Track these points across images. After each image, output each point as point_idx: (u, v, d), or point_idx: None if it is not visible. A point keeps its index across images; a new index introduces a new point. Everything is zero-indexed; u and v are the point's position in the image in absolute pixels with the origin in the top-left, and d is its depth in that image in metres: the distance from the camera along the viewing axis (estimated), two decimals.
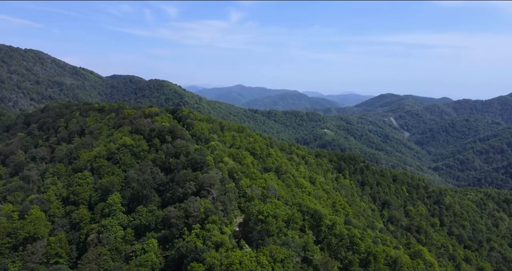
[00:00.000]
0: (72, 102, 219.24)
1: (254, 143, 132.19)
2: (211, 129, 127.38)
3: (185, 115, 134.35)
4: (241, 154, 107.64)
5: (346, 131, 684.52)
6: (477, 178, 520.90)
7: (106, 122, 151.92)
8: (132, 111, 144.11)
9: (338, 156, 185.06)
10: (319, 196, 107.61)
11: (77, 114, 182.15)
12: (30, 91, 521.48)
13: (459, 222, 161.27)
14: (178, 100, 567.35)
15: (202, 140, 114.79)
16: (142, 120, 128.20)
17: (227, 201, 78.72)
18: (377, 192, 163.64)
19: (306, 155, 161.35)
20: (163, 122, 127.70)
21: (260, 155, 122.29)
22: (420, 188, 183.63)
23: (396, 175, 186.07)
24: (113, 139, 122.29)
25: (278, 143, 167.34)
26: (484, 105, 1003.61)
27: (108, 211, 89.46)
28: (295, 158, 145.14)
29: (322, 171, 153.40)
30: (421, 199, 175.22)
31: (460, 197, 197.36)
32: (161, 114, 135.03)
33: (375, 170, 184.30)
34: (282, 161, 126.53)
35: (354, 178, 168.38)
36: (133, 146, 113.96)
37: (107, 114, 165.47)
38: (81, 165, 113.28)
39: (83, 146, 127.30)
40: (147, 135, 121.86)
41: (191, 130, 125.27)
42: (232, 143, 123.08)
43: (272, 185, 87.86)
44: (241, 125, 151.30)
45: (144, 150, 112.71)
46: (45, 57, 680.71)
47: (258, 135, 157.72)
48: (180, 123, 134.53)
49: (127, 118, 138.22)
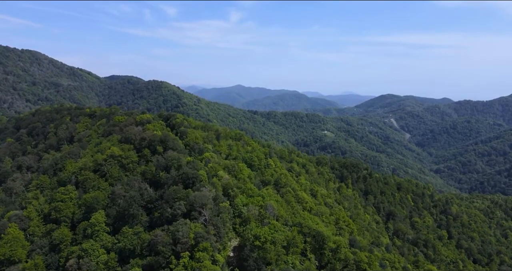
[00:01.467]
0: (64, 106, 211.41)
1: (252, 152, 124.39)
2: (206, 138, 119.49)
3: (179, 122, 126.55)
4: (237, 167, 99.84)
5: (346, 133, 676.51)
6: (480, 181, 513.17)
7: (96, 129, 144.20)
8: (123, 118, 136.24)
9: (340, 163, 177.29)
10: (321, 212, 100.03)
11: (67, 119, 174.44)
12: (26, 92, 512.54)
13: (468, 234, 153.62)
14: (177, 101, 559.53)
15: (196, 151, 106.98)
16: (133, 128, 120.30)
17: (221, 223, 70.95)
18: (381, 202, 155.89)
19: (307, 163, 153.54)
20: (154, 130, 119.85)
21: (258, 166, 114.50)
22: (426, 197, 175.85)
23: (400, 183, 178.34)
24: (101, 149, 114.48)
25: (277, 150, 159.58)
26: (485, 106, 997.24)
27: (91, 231, 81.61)
28: (295, 167, 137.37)
29: (323, 181, 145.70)
30: (427, 209, 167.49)
31: (467, 205, 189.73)
32: (154, 122, 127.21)
33: (378, 177, 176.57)
34: (282, 172, 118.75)
35: (357, 186, 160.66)
36: (121, 157, 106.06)
37: (98, 120, 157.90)
38: (65, 178, 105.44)
39: (69, 156, 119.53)
40: (138, 144, 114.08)
41: (184, 139, 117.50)
42: (228, 152, 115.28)
43: (271, 204, 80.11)
44: (238, 133, 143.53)
45: (133, 162, 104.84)
46: (42, 58, 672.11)
47: (257, 142, 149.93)
48: (173, 131, 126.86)
49: (117, 126, 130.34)
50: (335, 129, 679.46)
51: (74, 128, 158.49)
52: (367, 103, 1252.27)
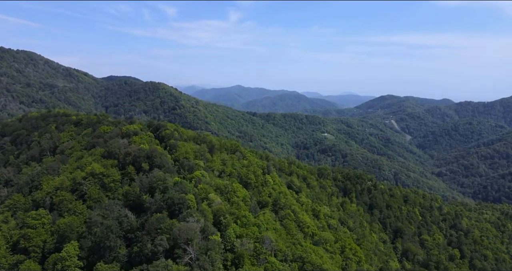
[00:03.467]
0: (51, 112, 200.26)
1: (248, 167, 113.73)
2: (198, 151, 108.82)
3: (169, 134, 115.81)
4: (231, 188, 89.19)
5: (347, 135, 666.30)
6: (483, 184, 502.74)
7: (80, 140, 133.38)
8: (109, 129, 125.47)
9: (343, 173, 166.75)
10: (325, 240, 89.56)
11: (52, 127, 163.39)
12: (20, 94, 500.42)
13: (480, 252, 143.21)
14: (174, 103, 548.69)
15: (186, 168, 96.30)
16: (117, 141, 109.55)
17: (208, 264, 60.28)
18: (387, 217, 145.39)
19: (308, 175, 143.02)
20: (141, 143, 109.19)
21: (255, 184, 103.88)
22: (434, 210, 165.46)
23: (407, 195, 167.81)
24: (82, 164, 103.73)
25: (276, 161, 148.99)
26: (486, 107, 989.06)
27: (61, 267, 70.97)
28: (295, 181, 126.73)
29: (326, 195, 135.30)
30: (435, 223, 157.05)
31: (477, 218, 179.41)
32: (141, 133, 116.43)
33: (383, 189, 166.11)
34: (281, 189, 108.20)
35: (361, 200, 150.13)
36: (103, 175, 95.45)
37: (83, 129, 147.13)
38: (39, 198, 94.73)
39: (47, 172, 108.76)
40: (122, 160, 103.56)
41: (174, 153, 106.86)
42: (222, 169, 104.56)
43: (268, 237, 69.50)
44: (234, 143, 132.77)
45: (116, 181, 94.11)
46: (38, 59, 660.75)
47: (254, 153, 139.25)
48: (162, 144, 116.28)
49: (102, 138, 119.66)
50: (335, 131, 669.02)
51: (58, 138, 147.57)
52: (367, 104, 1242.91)
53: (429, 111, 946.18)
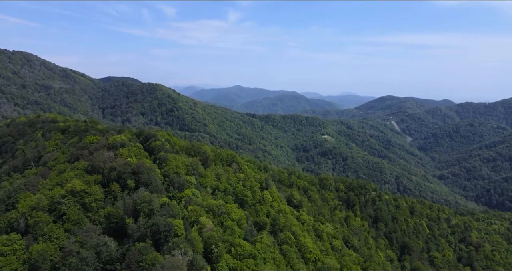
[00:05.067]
0: (40, 118, 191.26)
1: (245, 181, 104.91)
2: (191, 165, 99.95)
3: (159, 146, 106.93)
4: (225, 209, 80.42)
5: (347, 137, 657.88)
6: (486, 188, 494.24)
7: (65, 150, 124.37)
8: (95, 139, 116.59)
9: (346, 183, 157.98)
10: (329, 267, 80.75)
11: (39, 135, 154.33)
12: (15, 96, 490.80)
13: (492, 268, 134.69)
14: (172, 105, 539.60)
15: (175, 185, 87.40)
16: (102, 154, 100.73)
17: None
18: (393, 231, 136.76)
19: (309, 187, 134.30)
20: (128, 156, 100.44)
21: (252, 201, 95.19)
22: (442, 222, 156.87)
23: (413, 206, 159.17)
24: (63, 180, 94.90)
25: (275, 172, 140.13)
26: (487, 108, 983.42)
27: None
28: (295, 194, 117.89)
29: (328, 209, 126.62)
30: (444, 236, 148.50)
31: (486, 229, 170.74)
32: (129, 145, 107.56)
33: (388, 200, 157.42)
34: (280, 207, 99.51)
35: (365, 212, 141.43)
36: (84, 192, 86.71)
37: (71, 137, 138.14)
38: (13, 220, 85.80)
39: (26, 187, 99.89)
40: (107, 174, 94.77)
41: (164, 167, 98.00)
42: (216, 185, 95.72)
43: None
44: (230, 154, 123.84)
45: (98, 200, 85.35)
46: (34, 59, 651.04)
47: (251, 164, 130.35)
48: (151, 157, 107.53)
49: (87, 149, 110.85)
50: (335, 133, 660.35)
51: (44, 146, 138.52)
52: (367, 105, 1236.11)
53: (429, 112, 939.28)
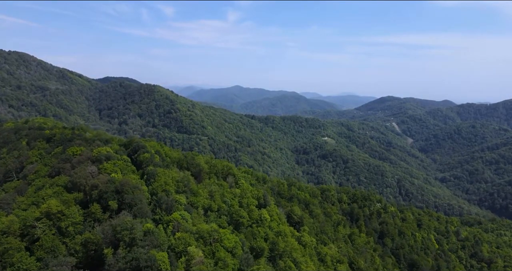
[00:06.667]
0: (27, 124, 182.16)
1: (241, 198, 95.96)
2: (182, 181, 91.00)
3: (147, 159, 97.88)
4: (218, 235, 71.43)
5: (347, 138, 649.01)
6: (489, 192, 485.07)
7: (48, 161, 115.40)
8: (79, 150, 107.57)
9: (349, 194, 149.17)
10: None
11: (23, 143, 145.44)
12: (9, 97, 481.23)
13: None
14: (170, 107, 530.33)
15: (163, 206, 78.41)
16: (84, 169, 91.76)
17: None
18: (401, 247, 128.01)
19: (310, 200, 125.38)
20: (113, 172, 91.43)
21: (248, 222, 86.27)
22: (451, 235, 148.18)
23: (420, 218, 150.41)
24: (39, 199, 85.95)
25: (274, 183, 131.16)
26: (488, 109, 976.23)
27: None
28: (296, 210, 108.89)
29: (331, 225, 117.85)
30: (454, 251, 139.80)
31: (496, 241, 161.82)
32: (115, 158, 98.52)
33: (394, 212, 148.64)
34: (279, 229, 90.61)
35: (370, 226, 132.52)
36: (62, 214, 77.76)
37: (56, 146, 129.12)
38: None
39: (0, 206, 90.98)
40: (88, 192, 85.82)
41: (152, 184, 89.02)
42: (209, 204, 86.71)
43: None
44: (226, 165, 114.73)
45: (76, 223, 76.38)
46: (30, 60, 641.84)
47: (249, 175, 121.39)
48: (139, 171, 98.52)
49: (69, 162, 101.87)
50: (335, 135, 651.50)
51: (27, 156, 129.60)
52: (367, 105, 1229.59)
53: (430, 113, 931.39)
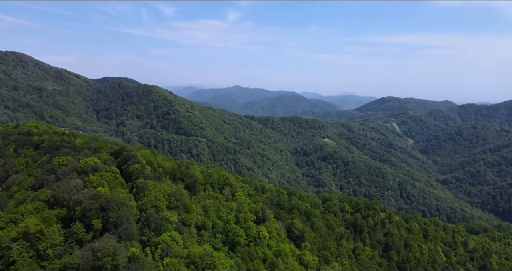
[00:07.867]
0: (18, 128, 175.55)
1: (238, 212, 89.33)
2: (174, 195, 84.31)
3: (138, 170, 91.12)
4: (211, 260, 64.82)
5: (348, 140, 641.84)
6: (492, 194, 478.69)
7: (33, 171, 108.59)
8: (65, 160, 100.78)
9: (352, 203, 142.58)
10: None
11: (11, 149, 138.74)
12: (5, 98, 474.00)
13: None
14: (168, 108, 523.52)
15: (151, 226, 71.72)
16: (69, 182, 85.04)
17: None
18: (407, 261, 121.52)
19: (312, 211, 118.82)
20: (100, 185, 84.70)
21: (245, 241, 79.70)
22: (459, 246, 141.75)
23: (426, 228, 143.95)
24: (18, 216, 79.16)
25: (274, 193, 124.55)
26: (489, 110, 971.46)
27: None
28: (296, 223, 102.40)
29: (334, 239, 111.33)
30: (462, 264, 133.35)
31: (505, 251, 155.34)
32: (102, 169, 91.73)
33: (399, 221, 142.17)
34: (279, 247, 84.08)
35: (375, 238, 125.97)
36: (41, 234, 71.07)
37: (43, 154, 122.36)
38: None
39: None
40: (72, 208, 79.06)
41: (142, 199, 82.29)
42: (203, 221, 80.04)
43: None
44: (223, 175, 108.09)
45: (56, 245, 69.65)
46: (28, 60, 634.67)
47: (247, 187, 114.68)
48: (129, 184, 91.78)
49: (54, 173, 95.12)
50: (336, 136, 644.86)
51: (12, 165, 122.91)
52: (367, 106, 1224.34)
53: (431, 114, 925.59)
